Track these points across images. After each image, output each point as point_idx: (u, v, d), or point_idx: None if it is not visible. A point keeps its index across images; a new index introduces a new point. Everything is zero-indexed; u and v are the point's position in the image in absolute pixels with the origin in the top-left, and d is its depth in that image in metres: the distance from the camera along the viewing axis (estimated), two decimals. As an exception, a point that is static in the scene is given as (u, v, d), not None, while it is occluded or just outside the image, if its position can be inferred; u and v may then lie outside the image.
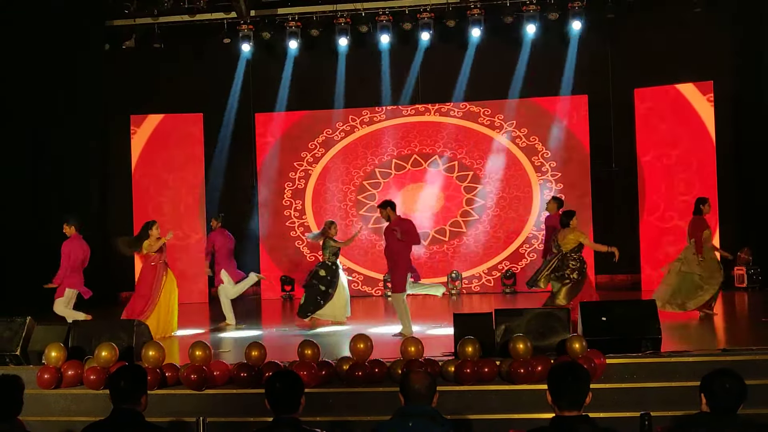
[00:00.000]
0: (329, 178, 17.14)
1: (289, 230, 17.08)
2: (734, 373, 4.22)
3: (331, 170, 17.15)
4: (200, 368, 7.66)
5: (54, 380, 7.92)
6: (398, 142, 16.97)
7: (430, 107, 16.86)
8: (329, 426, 6.99)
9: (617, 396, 7.44)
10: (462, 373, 7.52)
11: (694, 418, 4.24)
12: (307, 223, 16.95)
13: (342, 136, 17.10)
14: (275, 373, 4.64)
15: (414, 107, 16.90)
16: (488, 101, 16.68)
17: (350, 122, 17.07)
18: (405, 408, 4.39)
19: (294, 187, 17.13)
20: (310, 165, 17.15)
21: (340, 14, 16.07)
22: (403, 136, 16.95)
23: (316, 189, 17.16)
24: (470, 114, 16.77)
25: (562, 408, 4.07)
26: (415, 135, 16.93)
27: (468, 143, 16.77)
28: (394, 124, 16.99)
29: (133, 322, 8.82)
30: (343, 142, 17.09)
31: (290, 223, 17.11)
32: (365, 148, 17.04)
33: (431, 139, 16.88)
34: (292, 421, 4.30)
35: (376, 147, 17.03)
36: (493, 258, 16.55)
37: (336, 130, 17.08)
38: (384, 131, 17.02)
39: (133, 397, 4.40)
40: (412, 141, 16.93)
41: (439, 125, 16.89)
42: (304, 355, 7.77)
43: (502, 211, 16.58)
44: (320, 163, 17.15)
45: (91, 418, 5.07)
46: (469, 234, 16.68)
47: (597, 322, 8.28)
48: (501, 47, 16.39)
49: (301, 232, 16.88)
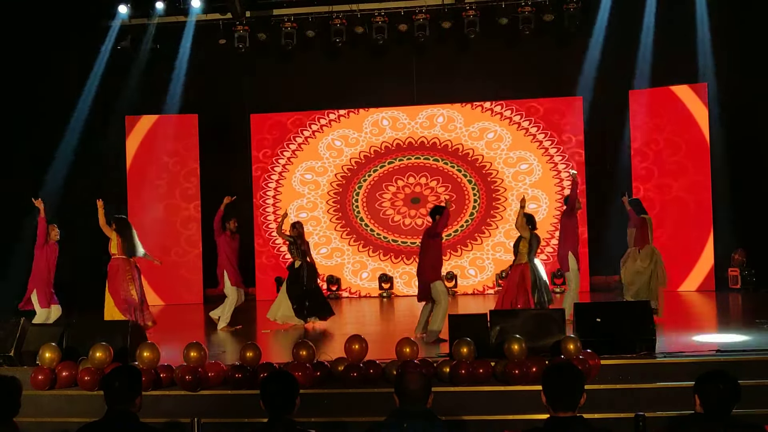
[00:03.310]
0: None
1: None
2: (728, 375, 4.22)
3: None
4: (195, 369, 7.65)
5: (48, 381, 7.91)
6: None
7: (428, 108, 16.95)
8: (324, 427, 6.99)
9: (612, 397, 7.45)
10: (457, 373, 7.53)
11: (688, 418, 4.25)
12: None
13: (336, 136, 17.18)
14: (270, 373, 4.64)
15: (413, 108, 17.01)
16: (485, 101, 16.75)
17: (344, 122, 17.13)
18: (400, 409, 4.38)
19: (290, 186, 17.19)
20: (301, 165, 17.21)
21: (336, 15, 16.07)
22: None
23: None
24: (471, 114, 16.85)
25: (556, 409, 4.07)
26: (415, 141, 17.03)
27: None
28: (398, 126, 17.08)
29: (128, 323, 8.81)
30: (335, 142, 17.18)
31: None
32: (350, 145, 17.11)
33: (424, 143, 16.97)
34: (286, 421, 4.30)
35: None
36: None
37: (331, 129, 17.15)
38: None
39: (128, 398, 4.39)
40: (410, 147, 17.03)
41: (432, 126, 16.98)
42: (299, 355, 7.77)
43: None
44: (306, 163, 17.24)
45: (85, 419, 5.06)
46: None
47: (591, 323, 8.30)
48: (496, 48, 16.41)
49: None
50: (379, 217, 16.98)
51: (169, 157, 16.73)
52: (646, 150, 15.80)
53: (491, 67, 16.60)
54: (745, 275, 14.92)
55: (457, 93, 16.81)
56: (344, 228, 17.06)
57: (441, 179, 16.89)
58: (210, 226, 12.83)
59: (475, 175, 16.80)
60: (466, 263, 16.71)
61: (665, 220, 15.48)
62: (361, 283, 16.92)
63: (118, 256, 10.71)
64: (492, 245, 16.59)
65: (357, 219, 17.05)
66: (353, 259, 16.98)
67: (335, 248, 16.99)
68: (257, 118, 17.23)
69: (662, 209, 15.56)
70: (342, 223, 17.08)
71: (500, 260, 16.29)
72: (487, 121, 16.81)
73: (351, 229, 17.05)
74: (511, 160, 16.74)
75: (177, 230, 16.59)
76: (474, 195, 16.80)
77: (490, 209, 16.68)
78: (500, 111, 16.72)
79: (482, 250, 16.68)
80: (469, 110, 16.86)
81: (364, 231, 16.99)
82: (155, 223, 16.28)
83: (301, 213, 16.83)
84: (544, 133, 16.51)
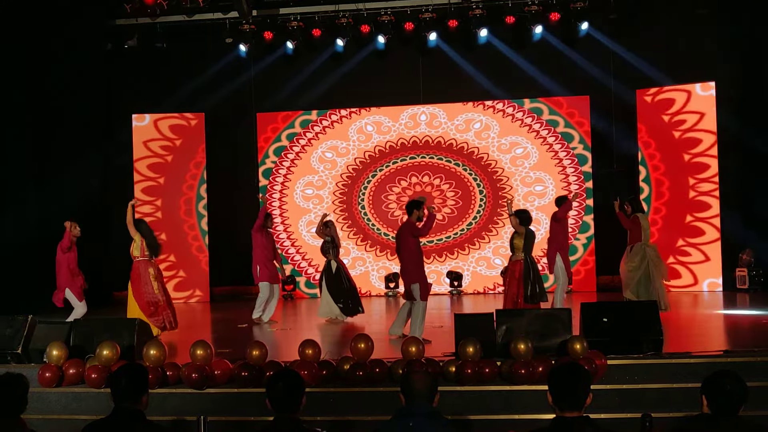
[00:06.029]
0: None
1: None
2: (736, 375, 4.21)
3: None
4: (201, 367, 7.66)
5: (55, 378, 7.92)
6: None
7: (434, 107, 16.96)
8: (330, 426, 6.99)
9: (618, 397, 7.43)
10: (463, 373, 7.52)
11: (695, 419, 4.23)
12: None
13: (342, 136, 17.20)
14: (276, 372, 4.64)
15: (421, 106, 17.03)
16: (490, 101, 16.74)
17: (330, 133, 17.21)
18: (406, 408, 4.38)
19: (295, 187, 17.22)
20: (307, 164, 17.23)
21: (342, 14, 16.06)
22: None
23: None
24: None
25: (562, 409, 4.07)
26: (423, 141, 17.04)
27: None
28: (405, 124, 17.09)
29: (135, 321, 8.83)
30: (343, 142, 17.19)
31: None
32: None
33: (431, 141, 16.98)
34: (292, 420, 4.30)
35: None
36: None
37: (335, 129, 17.17)
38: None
39: (134, 395, 4.40)
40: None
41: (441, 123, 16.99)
42: (305, 354, 7.77)
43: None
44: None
45: (92, 417, 5.08)
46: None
47: (598, 323, 8.28)
48: (503, 47, 16.39)
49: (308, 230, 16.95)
50: (388, 219, 16.99)
51: (176, 156, 16.74)
52: (653, 149, 15.76)
53: (497, 66, 16.57)
54: (753, 275, 14.87)
55: (462, 92, 16.79)
56: (357, 235, 17.10)
57: (444, 177, 16.88)
58: (216, 224, 12.90)
59: (474, 167, 16.78)
60: (473, 261, 16.71)
61: (672, 220, 15.47)
62: (377, 284, 16.91)
63: (140, 258, 10.73)
64: (502, 243, 16.51)
65: (366, 222, 17.07)
66: (360, 258, 16.99)
67: (354, 257, 17.03)
68: (264, 117, 17.24)
69: (669, 208, 15.54)
70: (354, 231, 17.12)
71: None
72: (470, 113, 16.84)
73: (360, 231, 17.06)
74: (505, 146, 16.74)
75: (183, 229, 16.60)
76: (479, 188, 16.79)
77: (497, 204, 16.64)
78: (492, 105, 16.77)
79: (498, 241, 16.61)
80: (450, 105, 16.90)
81: (375, 234, 16.99)
82: (161, 221, 16.30)
83: (312, 228, 16.76)
84: (547, 129, 16.54)
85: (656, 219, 15.55)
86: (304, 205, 17.21)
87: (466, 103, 16.80)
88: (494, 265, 16.41)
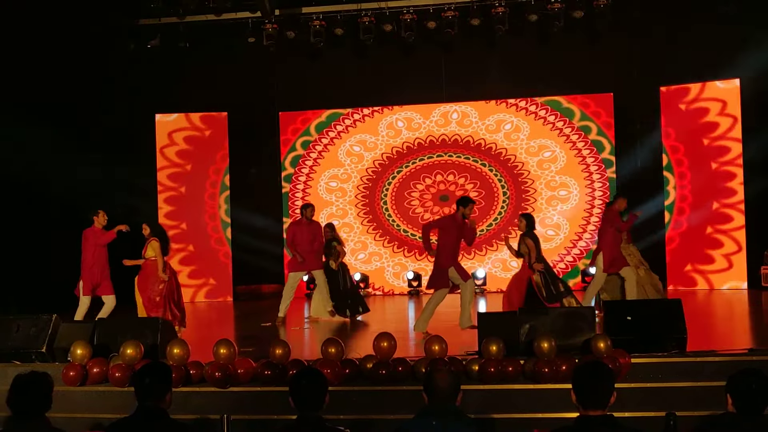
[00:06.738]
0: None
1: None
2: (761, 374, 4.18)
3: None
4: (225, 366, 7.68)
5: (79, 377, 7.97)
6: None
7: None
8: (353, 424, 6.98)
9: (642, 396, 7.39)
10: (486, 372, 7.49)
11: (719, 418, 4.21)
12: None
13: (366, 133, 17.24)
14: (300, 371, 4.64)
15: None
16: (514, 99, 16.70)
17: (360, 127, 17.26)
18: (428, 407, 4.37)
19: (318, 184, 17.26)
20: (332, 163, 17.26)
21: (365, 13, 16.06)
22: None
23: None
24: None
25: (586, 407, 4.05)
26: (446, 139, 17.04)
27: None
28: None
29: (158, 320, 8.87)
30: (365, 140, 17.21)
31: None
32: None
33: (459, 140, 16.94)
34: (315, 419, 4.31)
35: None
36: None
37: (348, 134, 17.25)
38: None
39: (158, 394, 4.42)
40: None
41: (464, 124, 16.96)
42: (328, 353, 7.77)
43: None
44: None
45: (116, 415, 5.10)
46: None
47: (622, 321, 8.23)
48: (525, 45, 16.34)
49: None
50: (409, 216, 16.99)
51: (199, 155, 16.82)
52: (677, 146, 15.65)
53: (520, 64, 16.53)
54: (777, 273, 14.76)
55: (485, 90, 16.77)
56: (376, 230, 17.12)
57: (469, 176, 16.88)
58: (240, 222, 12.93)
59: (500, 168, 16.78)
60: (495, 261, 16.68)
61: (697, 217, 15.37)
62: (391, 280, 16.94)
63: (155, 259, 10.81)
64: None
65: (386, 218, 17.09)
66: (377, 254, 17.01)
67: (371, 252, 17.03)
68: (286, 116, 17.30)
69: (694, 206, 15.43)
70: (374, 225, 17.14)
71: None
72: (502, 113, 16.84)
73: (382, 229, 17.08)
74: (533, 148, 16.71)
75: (207, 231, 16.68)
76: (503, 189, 16.77)
77: (519, 206, 16.61)
78: (515, 102, 16.72)
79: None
80: (483, 104, 16.87)
81: (395, 230, 17.02)
82: (184, 220, 16.38)
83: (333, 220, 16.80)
84: (570, 127, 16.49)
85: (683, 207, 15.54)
86: (327, 198, 17.26)
87: (489, 101, 16.79)
88: (510, 267, 16.35)
